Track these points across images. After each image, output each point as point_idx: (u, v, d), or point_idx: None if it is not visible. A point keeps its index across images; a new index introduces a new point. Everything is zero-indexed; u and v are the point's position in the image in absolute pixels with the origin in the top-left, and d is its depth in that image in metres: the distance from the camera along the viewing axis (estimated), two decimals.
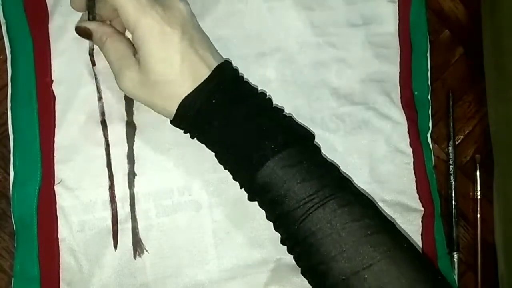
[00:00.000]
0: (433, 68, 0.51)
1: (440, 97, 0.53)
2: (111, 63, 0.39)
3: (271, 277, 0.45)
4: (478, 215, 0.53)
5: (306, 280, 0.39)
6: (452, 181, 0.52)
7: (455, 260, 0.52)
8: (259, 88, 0.41)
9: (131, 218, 0.44)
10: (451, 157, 0.53)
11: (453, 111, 0.53)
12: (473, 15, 0.54)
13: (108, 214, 0.43)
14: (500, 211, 0.50)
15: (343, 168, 0.47)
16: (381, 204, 0.48)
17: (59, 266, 0.42)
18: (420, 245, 0.48)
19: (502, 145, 0.49)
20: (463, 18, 0.54)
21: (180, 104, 0.37)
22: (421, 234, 0.48)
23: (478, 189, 0.53)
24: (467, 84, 0.54)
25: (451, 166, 0.53)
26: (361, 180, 0.47)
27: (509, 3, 0.47)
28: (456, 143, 0.53)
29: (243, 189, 0.40)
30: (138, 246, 0.44)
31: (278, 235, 0.40)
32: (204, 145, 0.40)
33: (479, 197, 0.53)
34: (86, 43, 0.44)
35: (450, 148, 0.53)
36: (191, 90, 0.37)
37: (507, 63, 0.48)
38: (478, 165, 0.53)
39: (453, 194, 0.52)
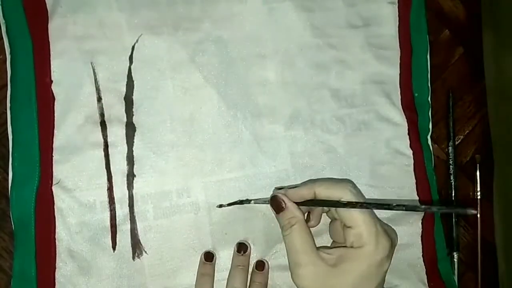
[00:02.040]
0: (433, 68, 0.51)
1: (440, 97, 0.53)
2: (291, 250, 0.40)
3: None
4: (478, 215, 0.53)
5: None
6: (452, 181, 0.52)
7: (455, 260, 0.51)
8: (258, 90, 0.41)
9: (130, 220, 0.44)
10: (451, 157, 0.53)
11: (453, 111, 0.53)
12: (473, 15, 0.53)
13: (106, 215, 0.43)
14: (500, 211, 0.50)
15: (344, 169, 0.47)
16: None
17: (55, 267, 0.42)
18: (420, 247, 0.48)
19: (502, 145, 0.49)
20: (463, 18, 0.54)
21: None
22: (421, 236, 0.48)
23: (478, 189, 0.53)
24: (467, 84, 0.54)
25: (451, 166, 0.52)
26: (361, 181, 0.47)
27: (509, 3, 0.47)
28: (456, 143, 0.53)
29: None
30: (137, 248, 0.44)
31: (273, 236, 0.40)
32: (203, 147, 0.40)
33: (479, 197, 0.53)
34: (86, 44, 0.44)
35: (450, 148, 0.53)
36: None
37: (507, 63, 0.47)
38: (478, 165, 0.53)
39: (453, 194, 0.52)
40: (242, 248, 0.44)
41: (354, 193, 0.39)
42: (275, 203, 0.41)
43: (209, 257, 0.44)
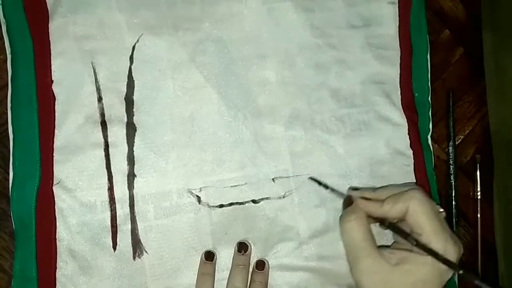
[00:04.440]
0: (433, 68, 0.51)
1: (440, 97, 0.53)
2: (350, 245, 0.40)
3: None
4: (478, 215, 0.53)
5: (297, 278, 0.43)
6: (452, 181, 0.52)
7: None
8: (258, 90, 0.41)
9: (130, 220, 0.44)
10: (451, 157, 0.53)
11: (453, 111, 0.53)
12: (473, 15, 0.54)
13: (107, 215, 0.43)
14: (500, 211, 0.50)
15: (343, 170, 0.47)
16: None
17: (56, 267, 0.42)
18: None
19: (502, 145, 0.49)
20: (463, 18, 0.54)
21: None
22: None
23: (478, 189, 0.53)
24: (467, 84, 0.54)
25: (451, 166, 0.53)
26: (362, 182, 0.47)
27: (509, 3, 0.47)
28: (456, 143, 0.53)
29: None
30: (137, 247, 0.44)
31: (274, 236, 0.40)
32: (203, 147, 0.40)
33: (479, 197, 0.53)
34: (86, 44, 0.44)
35: (450, 148, 0.53)
36: None
37: (507, 63, 0.48)
38: (478, 165, 0.53)
39: (453, 194, 0.52)
40: (242, 247, 0.44)
41: (424, 201, 0.39)
42: (348, 200, 0.42)
43: (209, 256, 0.44)
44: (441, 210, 0.41)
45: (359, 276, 0.39)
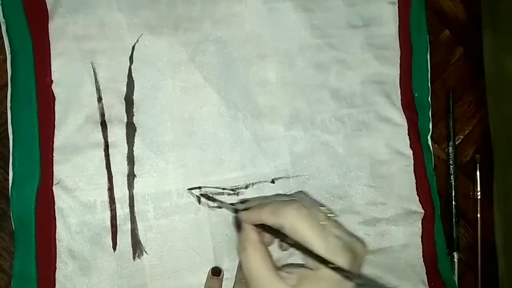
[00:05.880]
0: (433, 68, 0.51)
1: (440, 97, 0.53)
2: (248, 273, 0.38)
3: None
4: (478, 215, 0.53)
5: None
6: (452, 181, 0.52)
7: (455, 260, 0.52)
8: (258, 90, 0.41)
9: (130, 220, 0.44)
10: (451, 157, 0.53)
11: (453, 111, 0.53)
12: (473, 15, 0.54)
13: (107, 215, 0.43)
14: (500, 211, 0.50)
15: (343, 170, 0.47)
16: (381, 207, 0.48)
17: (55, 267, 0.42)
18: (420, 247, 0.48)
19: (502, 145, 0.49)
20: (463, 18, 0.54)
21: None
22: (421, 236, 0.49)
23: (478, 189, 0.53)
24: (467, 84, 0.54)
25: (451, 166, 0.53)
26: (361, 182, 0.47)
27: (509, 3, 0.47)
28: (456, 143, 0.53)
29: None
30: (137, 248, 0.44)
31: None
32: (203, 147, 0.40)
33: (479, 197, 0.53)
34: (86, 44, 0.44)
35: (450, 148, 0.53)
36: None
37: (507, 63, 0.47)
38: (478, 165, 0.53)
39: (453, 194, 0.52)
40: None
41: (300, 216, 0.37)
42: (236, 223, 0.41)
43: (216, 272, 0.44)
44: (331, 214, 0.39)
45: None
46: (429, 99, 0.51)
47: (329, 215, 0.39)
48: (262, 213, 0.38)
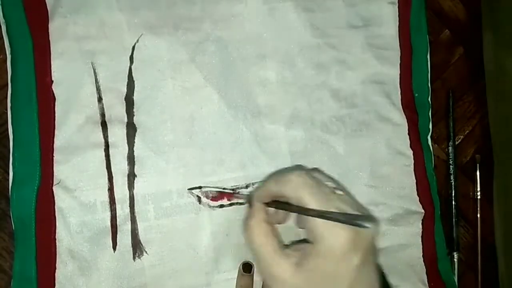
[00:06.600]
0: (433, 68, 0.51)
1: (440, 97, 0.53)
2: (253, 252, 0.38)
3: None
4: (478, 215, 0.53)
5: None
6: (452, 181, 0.52)
7: (455, 260, 0.52)
8: (259, 90, 0.41)
9: (131, 220, 0.44)
10: (451, 157, 0.53)
11: (453, 111, 0.53)
12: (473, 15, 0.54)
13: (107, 216, 0.43)
14: (500, 211, 0.50)
15: (344, 170, 0.47)
16: (381, 207, 0.48)
17: (55, 267, 0.42)
18: (420, 247, 0.48)
19: (502, 145, 0.49)
20: (463, 18, 0.54)
21: None
22: (421, 236, 0.48)
23: (478, 189, 0.53)
24: (467, 84, 0.54)
25: (451, 166, 0.53)
26: (362, 182, 0.47)
27: (509, 3, 0.47)
28: (456, 143, 0.53)
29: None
30: (137, 248, 0.44)
31: None
32: (204, 147, 0.40)
33: (479, 197, 0.53)
34: (86, 44, 0.44)
35: (450, 148, 0.53)
36: None
37: (507, 63, 0.48)
38: (478, 165, 0.53)
39: (453, 194, 0.52)
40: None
41: (302, 183, 0.36)
42: (249, 202, 0.41)
43: (247, 268, 0.43)
44: (339, 192, 0.38)
45: (269, 282, 0.37)
46: (429, 99, 0.51)
47: (337, 191, 0.38)
48: (267, 183, 0.39)
